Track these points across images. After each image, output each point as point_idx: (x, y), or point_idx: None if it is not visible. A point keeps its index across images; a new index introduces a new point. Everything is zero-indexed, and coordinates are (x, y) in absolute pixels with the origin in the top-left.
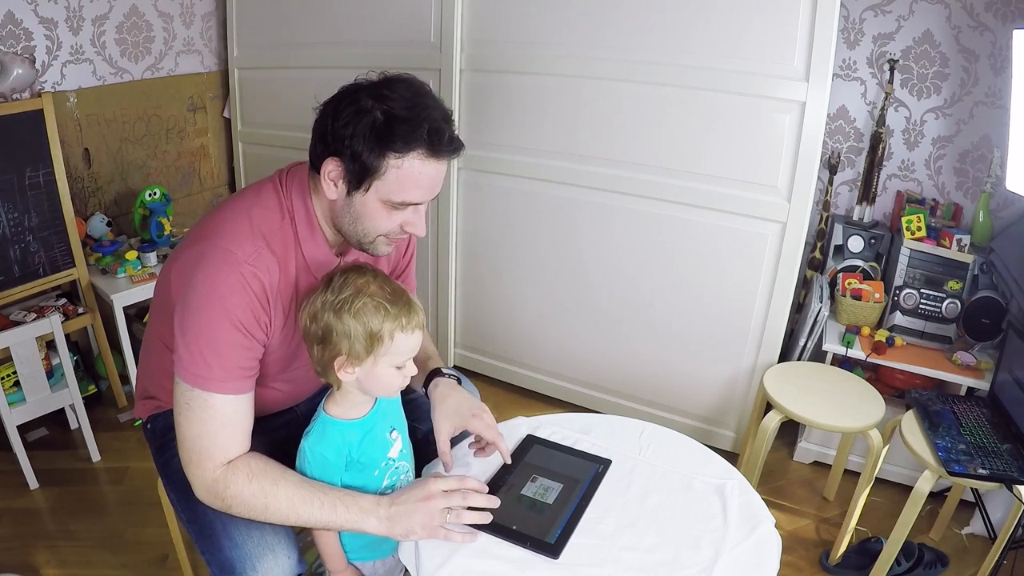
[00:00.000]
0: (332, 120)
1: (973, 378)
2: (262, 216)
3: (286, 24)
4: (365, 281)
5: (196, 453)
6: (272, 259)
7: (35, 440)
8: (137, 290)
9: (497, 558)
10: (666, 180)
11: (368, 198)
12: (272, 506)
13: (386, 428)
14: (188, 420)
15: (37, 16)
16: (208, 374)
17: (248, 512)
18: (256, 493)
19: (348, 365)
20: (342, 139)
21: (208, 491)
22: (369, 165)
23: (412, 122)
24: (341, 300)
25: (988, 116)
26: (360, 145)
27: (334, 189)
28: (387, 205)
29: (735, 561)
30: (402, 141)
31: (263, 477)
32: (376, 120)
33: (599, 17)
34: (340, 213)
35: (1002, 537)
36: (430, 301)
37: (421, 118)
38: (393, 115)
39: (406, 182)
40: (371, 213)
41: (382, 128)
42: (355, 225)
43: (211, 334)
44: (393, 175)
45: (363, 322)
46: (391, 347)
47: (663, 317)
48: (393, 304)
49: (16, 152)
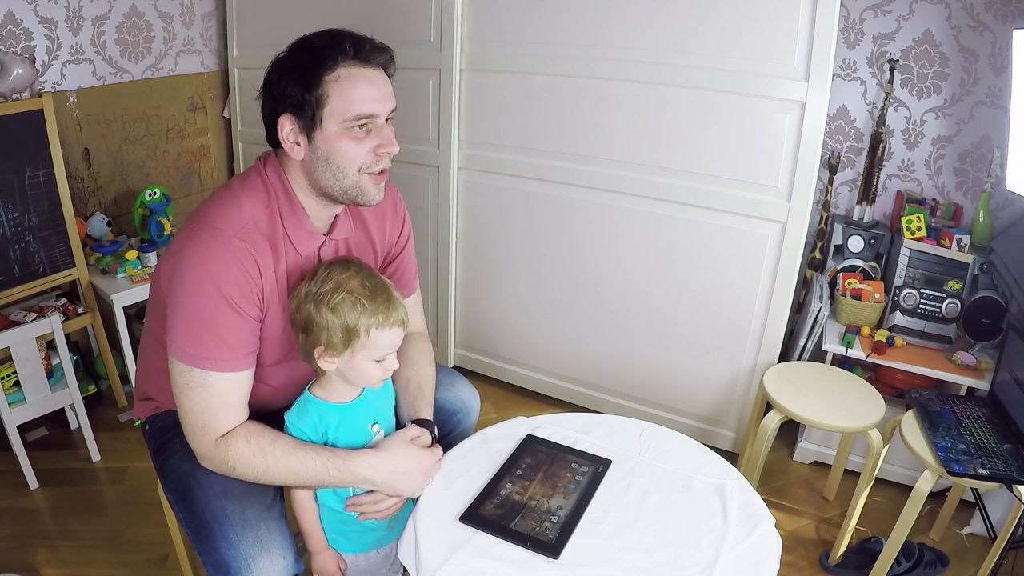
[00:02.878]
0: (270, 88)
1: (973, 378)
2: (249, 197)
3: (286, 24)
4: (347, 276)
5: (199, 427)
6: (261, 236)
7: (35, 440)
8: (137, 290)
9: (497, 558)
10: (666, 180)
11: (327, 131)
12: (271, 464)
13: (368, 420)
14: (189, 399)
15: (37, 16)
16: (205, 353)
17: (251, 472)
18: (255, 452)
19: (327, 355)
20: (282, 94)
21: (211, 458)
22: (312, 99)
23: (333, 43)
24: (321, 293)
25: (988, 116)
26: (297, 87)
27: (297, 148)
28: (347, 131)
29: (735, 561)
30: (330, 59)
31: (260, 436)
32: (302, 59)
33: (599, 17)
34: (312, 167)
35: (1002, 537)
36: (430, 301)
37: (340, 38)
38: (315, 46)
39: (350, 94)
40: (336, 145)
41: (306, 60)
42: (329, 167)
43: (205, 313)
44: (336, 93)
45: (340, 317)
46: (367, 342)
47: (663, 317)
48: (371, 300)
49: (16, 152)
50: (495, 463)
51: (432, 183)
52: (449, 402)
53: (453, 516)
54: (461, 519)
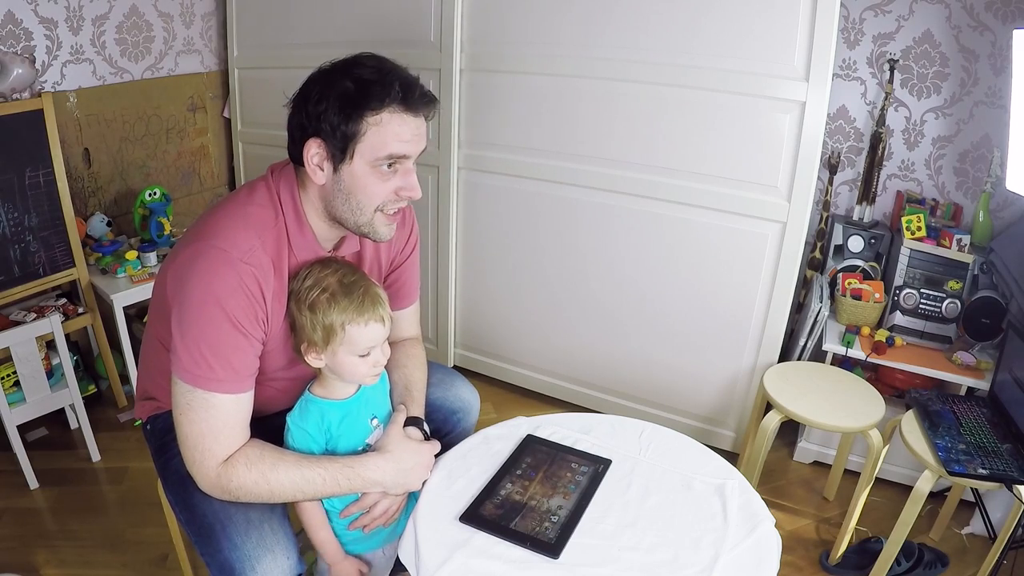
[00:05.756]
0: (305, 105)
1: (973, 378)
2: (256, 215)
3: (286, 24)
4: (326, 274)
5: (199, 452)
6: (266, 257)
7: (35, 440)
8: (137, 290)
9: (497, 558)
10: (666, 180)
11: (355, 166)
12: (276, 489)
13: (367, 414)
14: (189, 420)
15: (37, 16)
16: (209, 374)
17: (256, 498)
18: (258, 480)
19: (312, 352)
20: (317, 117)
21: (213, 487)
22: (348, 132)
23: (382, 82)
24: (301, 291)
25: (988, 116)
26: (336, 116)
27: (320, 173)
28: (375, 168)
29: (735, 561)
30: (376, 99)
31: (260, 463)
32: (347, 88)
33: (599, 17)
34: (331, 195)
35: (1002, 537)
36: (430, 301)
37: (391, 77)
38: (363, 79)
39: (387, 136)
40: (361, 182)
41: (354, 93)
42: (348, 202)
43: (210, 335)
44: (373, 133)
45: (317, 314)
46: (345, 338)
47: (663, 317)
48: (346, 297)
49: (16, 152)
50: (495, 463)
51: (432, 183)
52: (449, 402)
53: (453, 516)
54: (461, 519)
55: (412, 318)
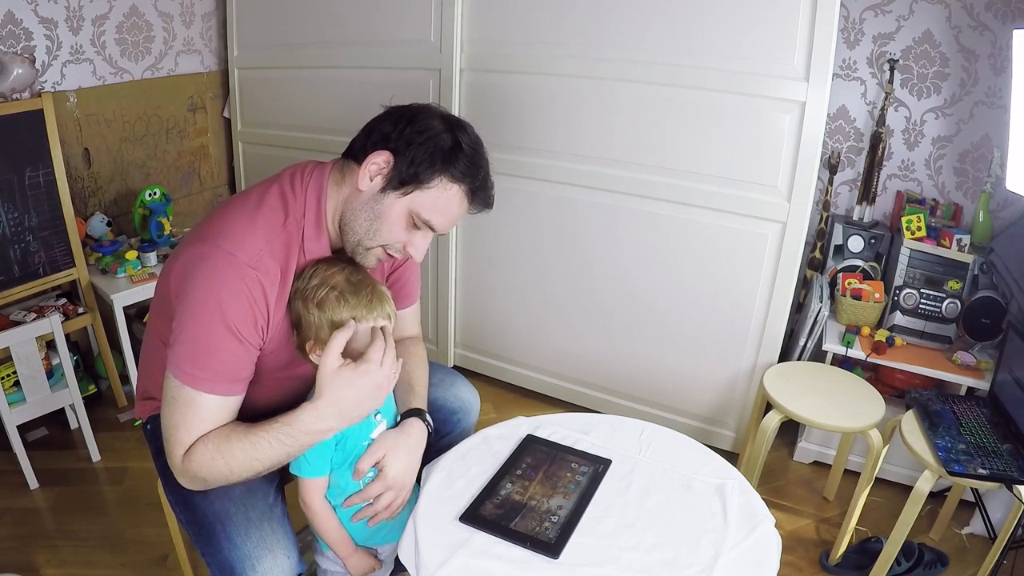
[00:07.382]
0: (405, 123)
1: (973, 378)
2: (266, 219)
3: (286, 24)
4: (332, 272)
5: (170, 444)
6: (273, 263)
7: (35, 440)
8: (137, 290)
9: (497, 558)
10: (666, 180)
11: (399, 203)
12: (231, 459)
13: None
14: (170, 412)
15: (37, 16)
16: (200, 374)
17: (218, 474)
18: (214, 454)
19: (317, 349)
20: (410, 141)
21: (183, 475)
22: (421, 174)
23: (472, 162)
24: (308, 289)
25: (988, 116)
26: (424, 154)
27: (368, 181)
28: (410, 219)
29: (735, 561)
30: (460, 172)
31: (216, 436)
32: (446, 143)
33: (599, 17)
34: (359, 207)
35: (1002, 537)
36: (430, 301)
37: (481, 164)
38: (461, 148)
39: (440, 205)
40: (393, 219)
41: (449, 152)
42: (371, 223)
43: (208, 337)
44: (434, 194)
45: (325, 312)
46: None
47: (663, 317)
48: (354, 295)
49: (16, 152)
50: (495, 463)
51: None
52: (449, 402)
53: (453, 516)
54: (461, 519)
55: (413, 318)
